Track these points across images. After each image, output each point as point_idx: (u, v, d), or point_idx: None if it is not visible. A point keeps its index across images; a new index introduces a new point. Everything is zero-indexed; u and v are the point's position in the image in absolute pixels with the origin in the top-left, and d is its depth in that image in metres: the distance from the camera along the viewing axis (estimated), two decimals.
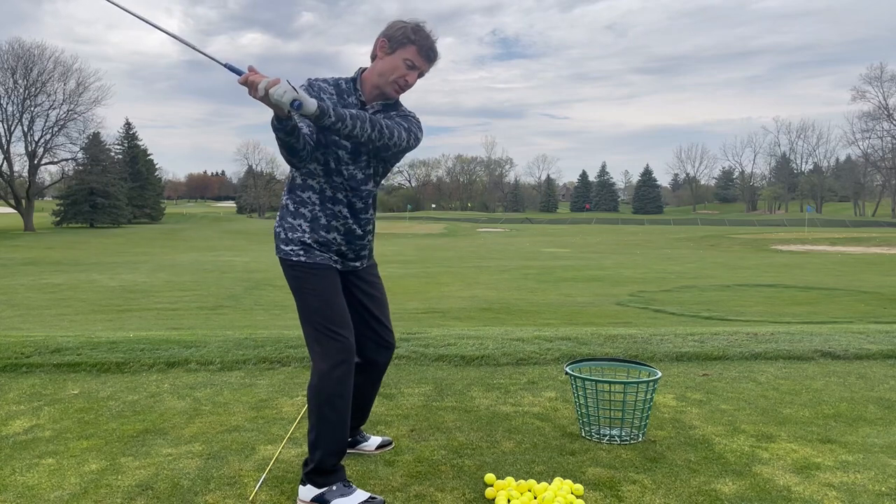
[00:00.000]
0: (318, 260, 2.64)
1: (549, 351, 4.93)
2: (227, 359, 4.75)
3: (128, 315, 11.96)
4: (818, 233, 55.96)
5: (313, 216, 2.66)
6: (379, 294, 2.91)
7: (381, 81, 2.60)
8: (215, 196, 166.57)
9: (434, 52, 2.60)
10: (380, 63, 2.61)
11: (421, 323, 10.17)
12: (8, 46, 58.37)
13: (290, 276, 2.69)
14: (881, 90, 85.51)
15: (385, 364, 2.97)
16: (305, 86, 2.62)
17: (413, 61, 2.58)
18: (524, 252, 38.15)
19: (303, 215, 2.67)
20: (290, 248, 2.66)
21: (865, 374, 4.43)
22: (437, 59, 2.64)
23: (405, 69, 2.57)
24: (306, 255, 2.64)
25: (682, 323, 9.99)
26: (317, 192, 2.66)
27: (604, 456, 3.02)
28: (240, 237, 55.58)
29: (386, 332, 2.91)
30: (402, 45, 2.56)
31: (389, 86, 2.61)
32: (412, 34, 2.55)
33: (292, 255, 2.65)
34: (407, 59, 2.57)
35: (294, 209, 2.68)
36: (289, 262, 2.66)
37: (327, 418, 2.56)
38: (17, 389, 4.17)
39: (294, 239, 2.66)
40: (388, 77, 2.59)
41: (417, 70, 2.61)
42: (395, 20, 2.61)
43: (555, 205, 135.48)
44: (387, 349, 2.93)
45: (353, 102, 2.63)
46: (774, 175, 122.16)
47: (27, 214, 58.10)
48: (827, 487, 2.67)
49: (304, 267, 2.63)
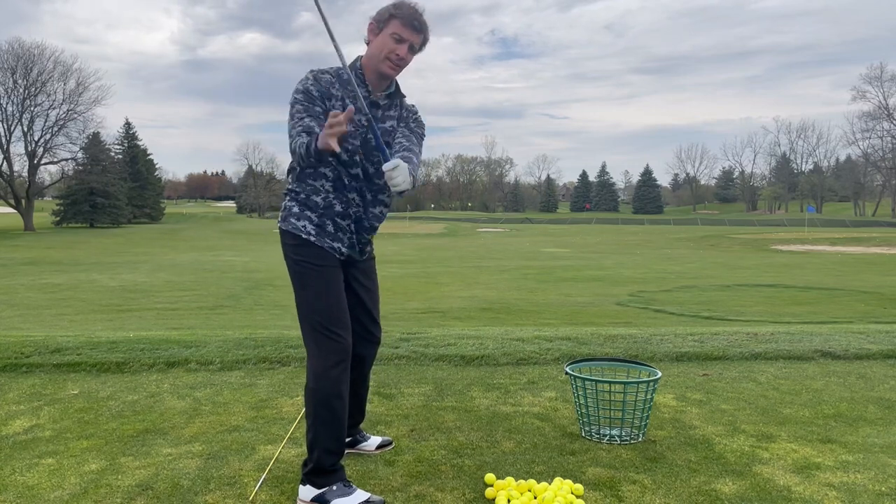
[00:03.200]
0: (325, 246, 2.63)
1: (549, 351, 4.93)
2: (227, 359, 4.75)
3: (128, 315, 11.95)
4: (818, 233, 55.95)
5: (327, 203, 2.64)
6: (373, 287, 2.91)
7: (374, 61, 2.63)
8: (215, 196, 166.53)
9: (419, 21, 2.60)
10: (371, 46, 2.64)
11: (421, 323, 10.16)
12: (8, 46, 58.52)
13: (293, 262, 2.65)
14: (881, 90, 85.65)
15: (371, 358, 2.98)
16: (312, 79, 2.61)
17: (399, 34, 2.58)
18: (524, 252, 38.15)
19: (310, 208, 2.65)
20: (301, 224, 2.63)
21: (865, 374, 4.43)
22: (426, 29, 2.64)
23: (394, 43, 2.58)
24: (317, 237, 2.62)
25: (682, 323, 9.99)
26: (330, 179, 2.64)
27: (604, 456, 3.02)
28: (240, 237, 55.56)
29: (374, 327, 2.92)
30: (386, 22, 2.59)
31: (383, 63, 2.61)
32: (393, 9, 2.59)
33: (302, 232, 2.62)
34: (394, 34, 2.58)
35: (305, 197, 2.65)
36: (298, 239, 2.62)
37: (324, 418, 2.55)
38: (17, 389, 4.17)
39: (306, 216, 2.64)
40: (380, 54, 2.60)
41: (406, 42, 2.60)
42: None
43: (555, 205, 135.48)
44: (373, 344, 2.94)
45: (363, 95, 2.62)
46: (774, 175, 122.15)
47: (27, 214, 58.10)
48: (827, 487, 2.67)
49: (309, 259, 2.61)
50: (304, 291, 2.62)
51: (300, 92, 2.58)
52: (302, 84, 2.60)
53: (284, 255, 2.70)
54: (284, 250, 2.69)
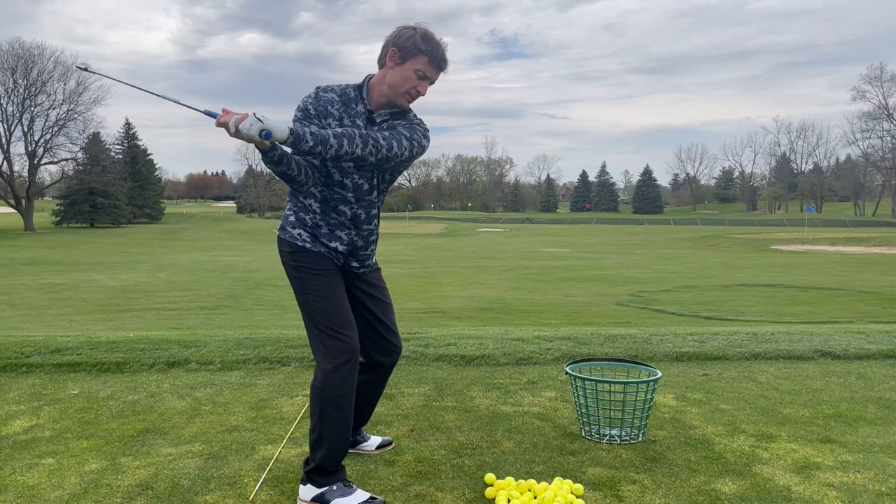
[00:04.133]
0: (321, 251, 2.64)
1: (549, 351, 4.93)
2: (227, 359, 4.75)
3: (128, 315, 11.95)
4: (818, 233, 55.95)
5: (314, 224, 2.65)
6: (383, 298, 2.89)
7: (392, 93, 2.58)
8: (215, 196, 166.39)
9: (445, 61, 2.58)
10: (390, 73, 2.57)
11: (421, 323, 10.17)
12: (8, 46, 58.32)
13: (291, 269, 2.67)
14: (881, 90, 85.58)
15: (391, 365, 2.96)
16: (313, 97, 2.60)
17: (424, 71, 2.55)
18: (524, 252, 38.14)
19: (303, 222, 2.66)
20: (296, 232, 2.66)
21: (865, 374, 4.43)
22: (447, 68, 2.62)
23: (416, 80, 2.55)
24: (312, 244, 2.64)
25: (682, 323, 9.99)
26: (318, 200, 2.64)
27: (604, 456, 3.02)
28: (240, 237, 55.55)
29: (392, 336, 2.90)
30: (412, 56, 2.53)
31: (401, 97, 2.58)
32: (423, 44, 2.52)
33: (297, 240, 2.64)
34: (418, 70, 2.54)
35: (295, 218, 2.68)
36: (294, 247, 2.64)
37: (331, 418, 2.55)
38: (17, 389, 4.17)
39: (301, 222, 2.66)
40: (400, 88, 2.56)
41: (428, 80, 2.59)
42: (403, 27, 2.57)
43: (555, 205, 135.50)
44: (393, 352, 2.93)
45: (360, 111, 2.60)
46: (774, 175, 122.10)
47: (27, 214, 58.05)
48: (827, 487, 2.67)
49: (306, 263, 2.62)
50: (305, 296, 2.62)
51: (300, 110, 2.62)
52: (303, 102, 2.63)
53: (283, 264, 2.71)
54: (283, 258, 2.71)
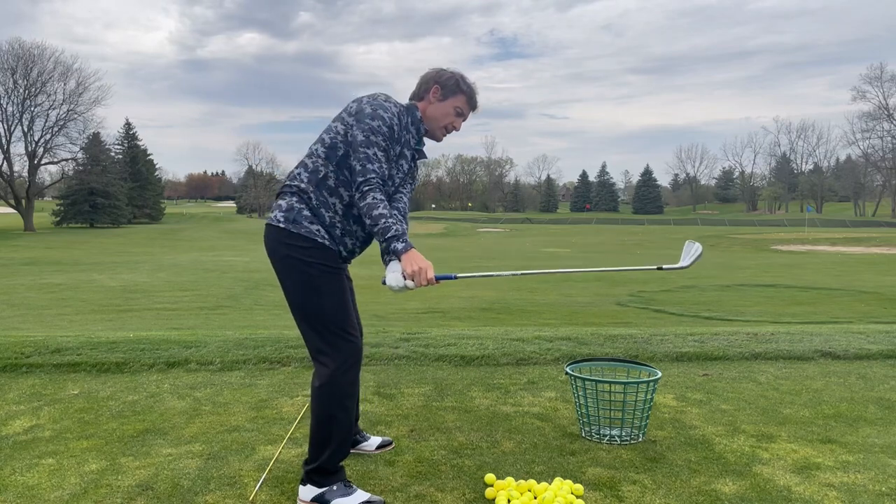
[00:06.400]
0: (337, 249, 2.64)
1: (549, 351, 4.93)
2: (227, 359, 4.75)
3: (128, 315, 11.95)
4: (818, 233, 55.98)
5: (332, 223, 2.63)
6: (352, 287, 2.93)
7: (431, 126, 2.81)
8: (215, 196, 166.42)
9: (477, 101, 2.85)
10: (431, 107, 2.78)
11: (421, 323, 10.17)
12: (8, 46, 58.40)
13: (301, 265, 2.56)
14: (881, 90, 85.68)
15: None
16: (395, 115, 2.66)
17: (462, 109, 2.81)
18: (524, 252, 38.15)
19: (321, 218, 2.61)
20: (315, 228, 2.60)
21: (865, 374, 4.43)
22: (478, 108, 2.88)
23: (454, 116, 2.80)
24: (330, 240, 2.62)
25: (682, 323, 9.99)
26: (344, 202, 2.64)
27: (604, 456, 3.02)
28: (240, 237, 55.54)
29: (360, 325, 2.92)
30: (453, 94, 2.78)
31: (440, 130, 2.82)
32: (463, 84, 2.78)
33: (317, 236, 2.59)
34: (457, 107, 2.79)
35: (310, 212, 2.61)
36: (312, 242, 2.57)
37: (339, 420, 2.55)
38: (17, 389, 4.17)
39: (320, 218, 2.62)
40: (440, 122, 2.79)
41: (463, 117, 2.84)
42: (441, 69, 2.81)
43: (555, 205, 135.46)
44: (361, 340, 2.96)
45: (414, 145, 2.78)
46: (774, 175, 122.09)
47: (27, 214, 58.08)
48: (827, 487, 2.67)
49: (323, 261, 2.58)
50: (317, 295, 2.56)
51: (387, 125, 2.61)
52: (388, 115, 2.62)
53: (285, 257, 2.58)
54: (289, 252, 2.57)
